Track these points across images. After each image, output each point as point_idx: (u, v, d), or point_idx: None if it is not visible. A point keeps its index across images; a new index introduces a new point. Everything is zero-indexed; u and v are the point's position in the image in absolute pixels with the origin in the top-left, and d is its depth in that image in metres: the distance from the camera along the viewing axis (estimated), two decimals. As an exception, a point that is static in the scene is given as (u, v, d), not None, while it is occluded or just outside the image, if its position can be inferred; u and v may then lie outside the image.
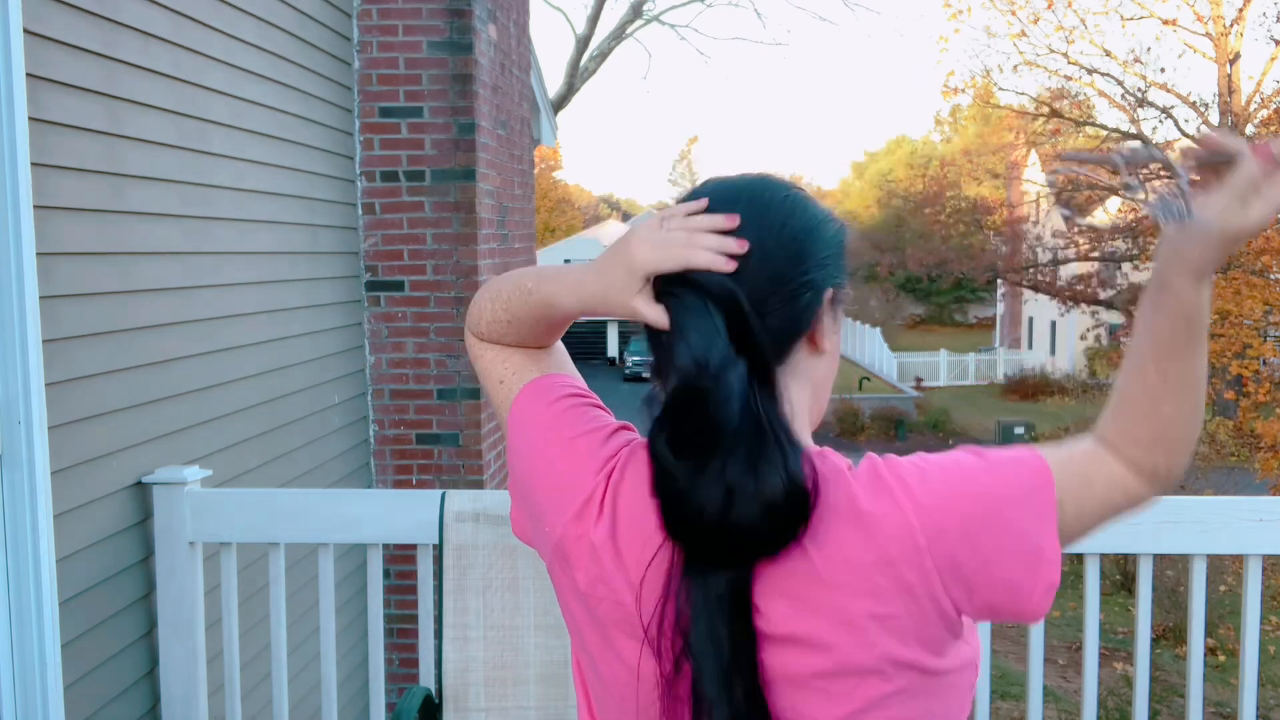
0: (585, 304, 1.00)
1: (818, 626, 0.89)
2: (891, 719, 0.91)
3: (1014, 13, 20.29)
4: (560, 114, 14.93)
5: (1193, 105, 19.75)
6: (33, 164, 2.12)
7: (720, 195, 0.97)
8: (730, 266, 0.91)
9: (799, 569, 0.89)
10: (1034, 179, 26.62)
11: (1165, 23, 19.43)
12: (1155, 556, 2.32)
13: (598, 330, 35.29)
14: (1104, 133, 21.82)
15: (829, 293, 0.98)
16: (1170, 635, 8.30)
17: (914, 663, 0.90)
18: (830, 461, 0.93)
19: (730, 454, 0.88)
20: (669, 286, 0.93)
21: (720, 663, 0.88)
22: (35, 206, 2.13)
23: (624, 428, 1.04)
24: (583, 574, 0.97)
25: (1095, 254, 21.73)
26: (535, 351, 1.12)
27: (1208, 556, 2.29)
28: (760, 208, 0.96)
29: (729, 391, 0.88)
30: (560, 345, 1.16)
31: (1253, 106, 19.34)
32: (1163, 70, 27.54)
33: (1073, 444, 0.97)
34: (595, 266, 0.98)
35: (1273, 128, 15.81)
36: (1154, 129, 20.44)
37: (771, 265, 0.94)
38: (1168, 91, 19.79)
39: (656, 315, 0.92)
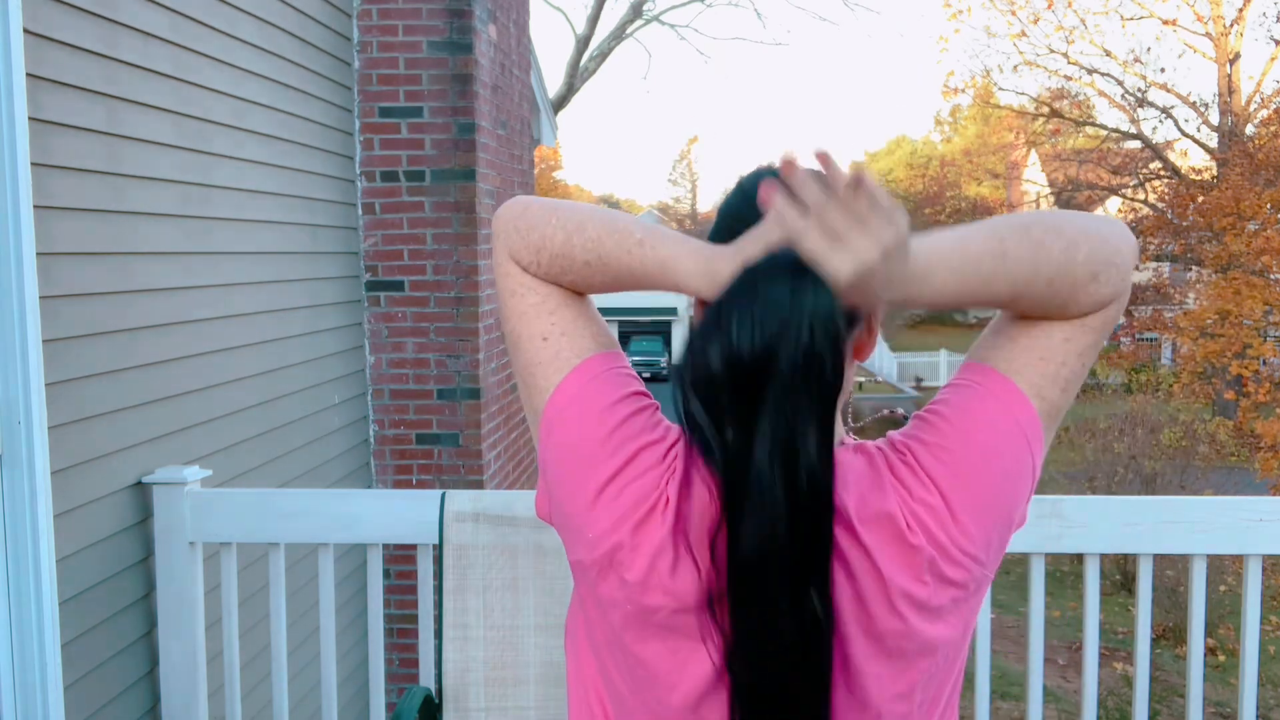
0: (714, 290, 0.87)
1: (881, 606, 0.90)
2: (932, 693, 0.94)
3: (1014, 13, 20.32)
4: (560, 114, 14.94)
5: (1193, 105, 19.77)
6: (33, 164, 2.12)
7: None
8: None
9: (852, 549, 0.90)
10: (1034, 179, 26.62)
11: (1165, 23, 19.46)
12: (1155, 556, 2.32)
13: (598, 329, 35.25)
14: (1104, 133, 21.84)
15: None
16: (1170, 635, 8.30)
17: (950, 639, 0.93)
18: (865, 447, 0.96)
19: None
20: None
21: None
22: (35, 206, 2.13)
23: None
24: (636, 577, 0.92)
25: (1095, 254, 21.69)
26: (578, 301, 1.00)
27: (1208, 556, 2.29)
28: None
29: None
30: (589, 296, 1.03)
31: (1253, 106, 19.35)
32: (1163, 70, 27.61)
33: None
34: (732, 247, 0.89)
35: (1273, 128, 15.81)
36: (1154, 129, 20.47)
37: None
38: (1168, 91, 19.80)
39: None
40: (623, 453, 0.93)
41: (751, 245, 0.86)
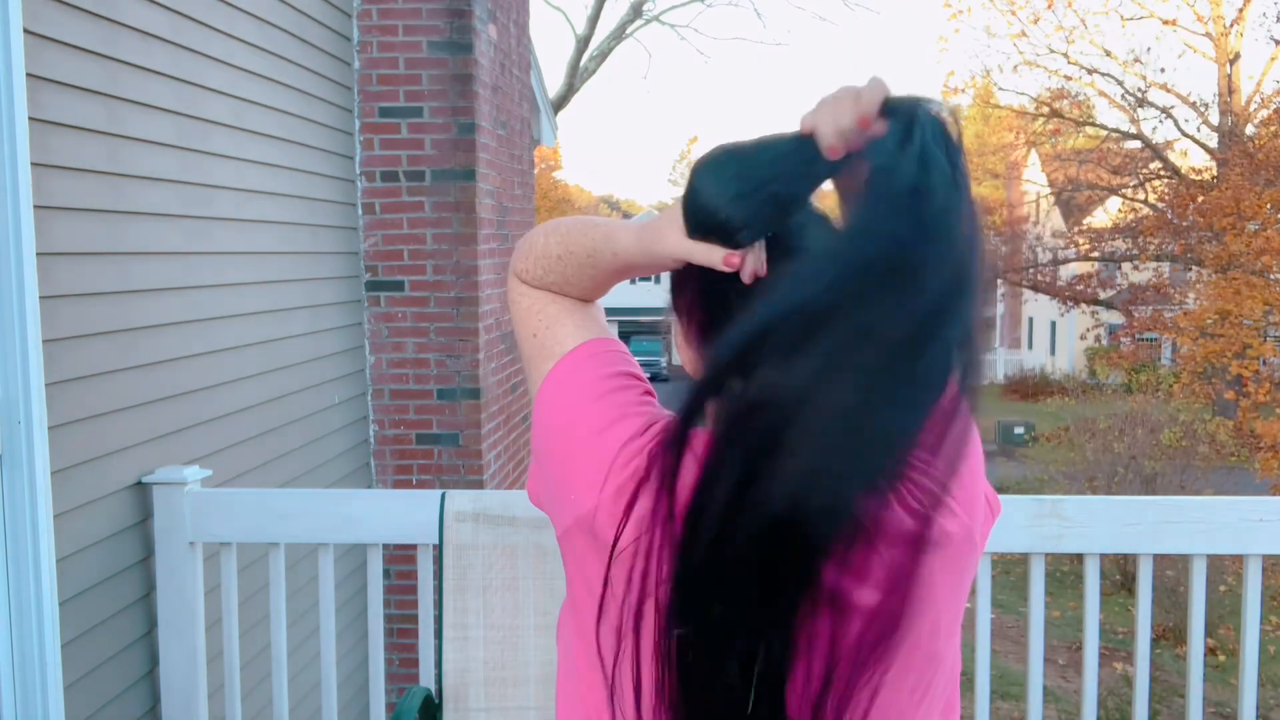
0: (646, 249, 0.96)
1: (922, 614, 0.90)
2: (941, 702, 0.94)
3: (1014, 13, 20.30)
4: (560, 114, 14.95)
5: (1193, 105, 19.75)
6: (33, 164, 2.12)
7: None
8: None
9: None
10: (1034, 179, 26.61)
11: (1165, 23, 19.45)
12: (1155, 556, 2.32)
13: (599, 330, 35.19)
14: (1104, 133, 21.83)
15: None
16: (1170, 635, 8.29)
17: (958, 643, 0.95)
18: None
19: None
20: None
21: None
22: (35, 206, 2.13)
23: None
24: (626, 540, 0.91)
25: (1095, 254, 21.74)
26: (564, 300, 1.08)
27: (1208, 556, 2.29)
28: None
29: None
30: (600, 309, 1.11)
31: (1253, 106, 19.34)
32: (1163, 70, 27.63)
33: None
34: (663, 216, 0.96)
35: (1273, 128, 15.80)
36: (1154, 129, 20.46)
37: None
38: (1168, 91, 19.79)
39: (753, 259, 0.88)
40: (614, 409, 0.97)
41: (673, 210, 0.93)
